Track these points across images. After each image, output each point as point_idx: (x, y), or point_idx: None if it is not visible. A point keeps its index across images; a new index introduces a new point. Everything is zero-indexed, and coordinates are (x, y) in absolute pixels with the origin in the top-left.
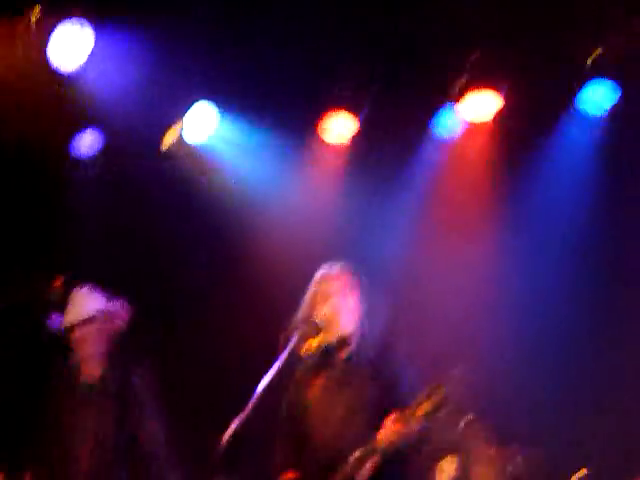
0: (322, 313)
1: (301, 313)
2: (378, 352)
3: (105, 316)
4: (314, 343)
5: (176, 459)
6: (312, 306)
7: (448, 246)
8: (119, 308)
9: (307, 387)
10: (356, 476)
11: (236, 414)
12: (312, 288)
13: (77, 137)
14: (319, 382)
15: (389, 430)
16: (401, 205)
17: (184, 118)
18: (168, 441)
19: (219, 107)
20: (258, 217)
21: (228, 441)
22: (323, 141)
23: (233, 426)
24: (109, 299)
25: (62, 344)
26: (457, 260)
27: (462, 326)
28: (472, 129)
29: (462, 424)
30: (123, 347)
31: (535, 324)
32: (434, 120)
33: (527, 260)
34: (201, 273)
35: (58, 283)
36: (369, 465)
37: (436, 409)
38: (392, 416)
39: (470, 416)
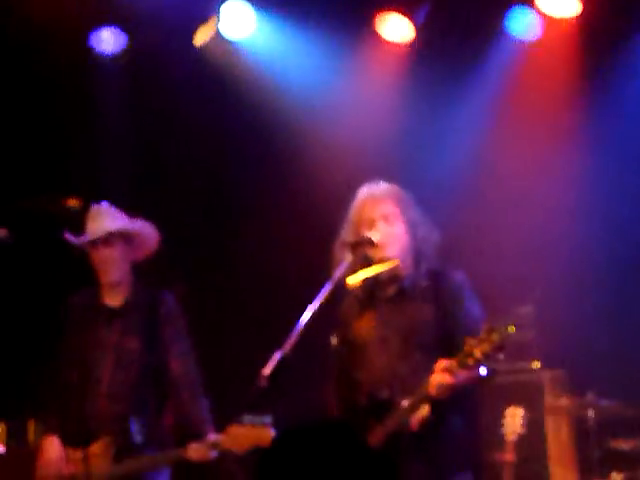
0: (375, 239)
1: (343, 239)
2: (433, 282)
3: (129, 236)
4: (361, 275)
5: (204, 389)
6: (355, 232)
7: (519, 165)
8: (145, 229)
9: (355, 322)
10: (406, 424)
11: (276, 348)
12: (354, 211)
13: (98, 32)
14: (368, 317)
15: (439, 379)
16: (466, 118)
17: (220, 12)
18: (199, 370)
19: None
20: (303, 126)
21: (266, 376)
22: (380, 40)
23: (273, 360)
24: (133, 218)
25: (83, 265)
26: (528, 180)
27: (530, 253)
28: (552, 27)
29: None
30: (150, 273)
31: (620, 254)
32: (507, 17)
33: (611, 182)
34: (239, 190)
35: (75, 200)
36: (420, 415)
37: (495, 351)
38: (443, 363)
39: (538, 362)
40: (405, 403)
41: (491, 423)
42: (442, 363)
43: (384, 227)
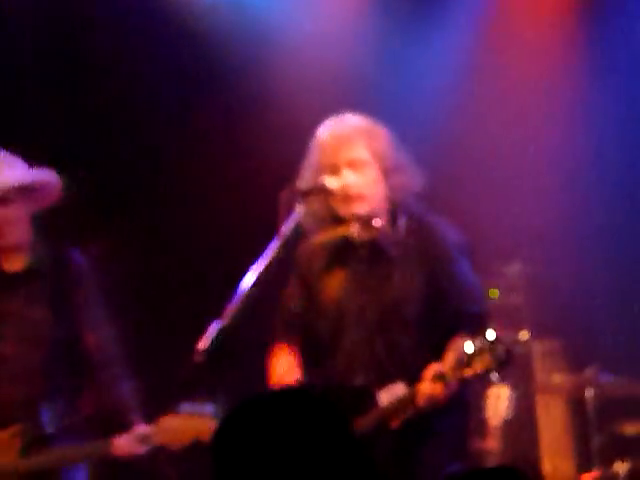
0: (332, 188)
1: (295, 186)
2: (416, 240)
3: (29, 190)
4: (327, 230)
5: (131, 369)
6: (313, 180)
7: (508, 106)
8: (47, 179)
9: (321, 279)
10: (388, 423)
11: (215, 317)
12: (314, 154)
13: None
14: (338, 275)
15: (429, 390)
16: (450, 42)
17: None
18: (123, 346)
19: None
20: (256, 52)
21: (203, 351)
22: None
23: (210, 332)
24: (32, 168)
25: None
26: (518, 123)
27: (518, 202)
28: None
29: (517, 342)
30: (56, 229)
31: (624, 200)
32: None
33: (614, 124)
34: (174, 129)
35: None
36: (402, 417)
37: (499, 368)
38: (435, 369)
39: (526, 332)
40: (384, 400)
41: (472, 406)
42: (433, 369)
43: (350, 175)
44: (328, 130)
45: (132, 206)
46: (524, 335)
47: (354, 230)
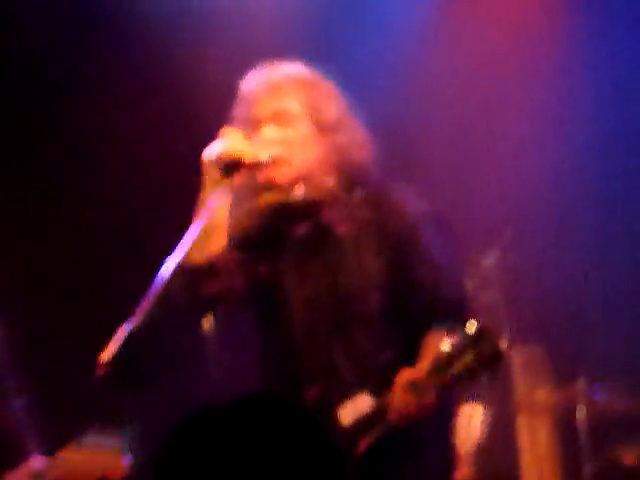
0: (260, 156)
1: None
2: (374, 215)
3: None
4: (259, 201)
5: (22, 382)
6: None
7: (485, 64)
8: None
9: (255, 268)
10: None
11: (123, 319)
12: (237, 105)
13: None
14: (273, 257)
15: (401, 403)
16: None
17: None
18: (13, 357)
19: None
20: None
21: (109, 363)
22: None
23: (118, 339)
24: None
25: None
26: (498, 85)
27: (497, 181)
28: None
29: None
30: None
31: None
32: None
33: (605, 93)
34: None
35: None
36: (370, 438)
37: (485, 366)
38: (406, 376)
39: (504, 338)
40: (345, 418)
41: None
42: (404, 376)
43: (272, 130)
44: (253, 80)
45: (25, 196)
46: (502, 341)
47: (291, 199)
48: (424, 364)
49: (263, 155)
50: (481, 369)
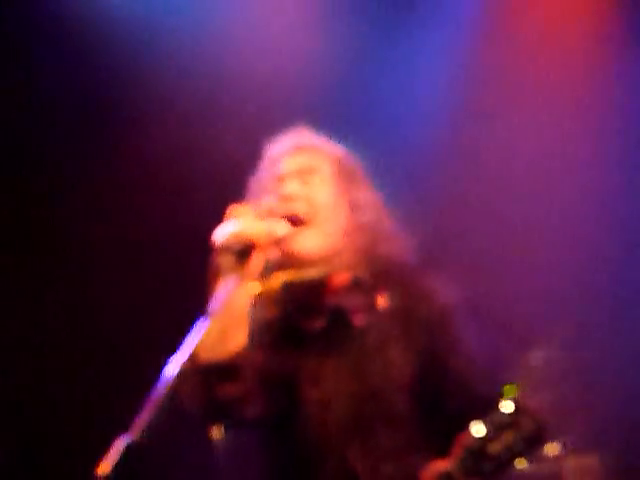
0: (276, 231)
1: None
2: (402, 303)
3: None
4: (271, 284)
5: None
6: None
7: (516, 120)
8: None
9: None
10: None
11: (122, 429)
12: (264, 167)
13: None
14: (286, 349)
15: None
16: (436, 42)
17: None
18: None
19: None
20: (178, 58)
21: (106, 478)
22: None
23: (114, 452)
24: None
25: None
26: (529, 145)
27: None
28: None
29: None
30: None
31: None
32: None
33: None
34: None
35: None
36: None
37: (528, 446)
38: (436, 469)
39: (555, 442)
40: None
41: None
42: (435, 468)
43: (294, 184)
44: (281, 142)
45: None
46: (553, 449)
47: (308, 277)
48: (456, 454)
49: (280, 230)
50: (523, 448)
